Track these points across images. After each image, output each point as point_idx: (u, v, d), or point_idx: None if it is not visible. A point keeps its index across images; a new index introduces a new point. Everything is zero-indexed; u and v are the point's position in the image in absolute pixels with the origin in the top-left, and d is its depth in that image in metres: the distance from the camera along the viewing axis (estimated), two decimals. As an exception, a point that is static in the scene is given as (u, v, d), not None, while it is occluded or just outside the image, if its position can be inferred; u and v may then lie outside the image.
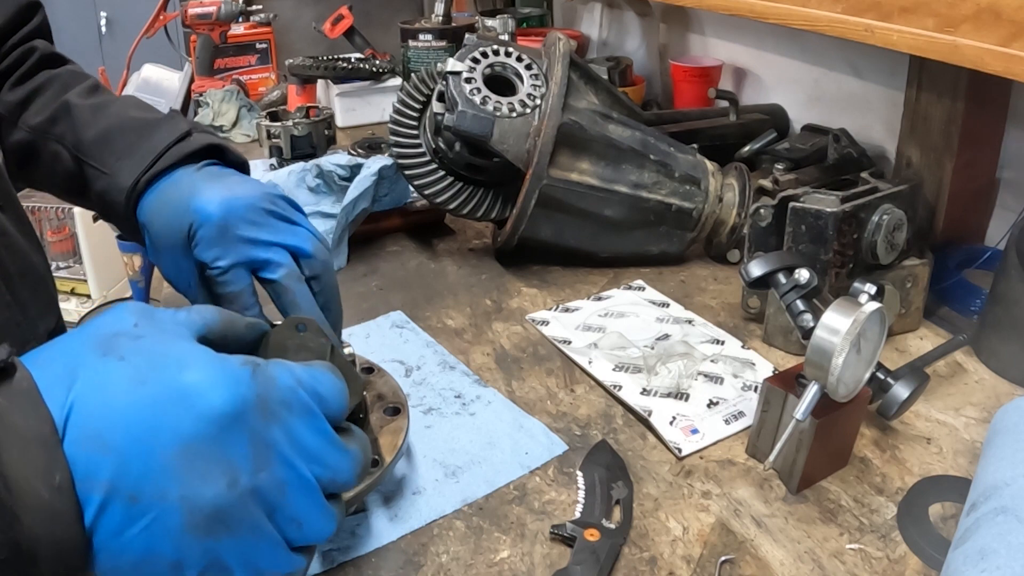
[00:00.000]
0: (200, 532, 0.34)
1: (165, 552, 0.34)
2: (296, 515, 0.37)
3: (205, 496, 0.34)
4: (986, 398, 0.75)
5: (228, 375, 0.35)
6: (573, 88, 0.95)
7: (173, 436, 0.33)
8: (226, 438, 0.35)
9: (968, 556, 0.48)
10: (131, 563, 0.34)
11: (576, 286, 0.98)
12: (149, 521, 0.33)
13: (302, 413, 0.38)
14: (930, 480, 0.65)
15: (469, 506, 0.63)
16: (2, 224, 0.54)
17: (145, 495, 0.33)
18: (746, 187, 0.99)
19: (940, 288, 0.90)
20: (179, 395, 0.34)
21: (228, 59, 1.84)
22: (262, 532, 0.36)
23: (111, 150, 0.63)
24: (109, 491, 0.32)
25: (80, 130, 0.66)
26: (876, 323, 0.62)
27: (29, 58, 0.71)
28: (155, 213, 0.59)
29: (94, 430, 0.33)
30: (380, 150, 1.38)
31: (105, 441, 0.33)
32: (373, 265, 1.05)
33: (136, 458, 0.33)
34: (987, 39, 0.65)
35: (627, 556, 0.58)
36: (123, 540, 0.33)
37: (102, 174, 0.63)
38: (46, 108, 0.68)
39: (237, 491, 0.35)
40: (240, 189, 0.58)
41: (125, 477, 0.33)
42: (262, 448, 0.36)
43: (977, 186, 0.96)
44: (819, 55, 1.22)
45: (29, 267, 0.56)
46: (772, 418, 0.66)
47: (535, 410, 0.75)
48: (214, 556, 0.35)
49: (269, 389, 0.37)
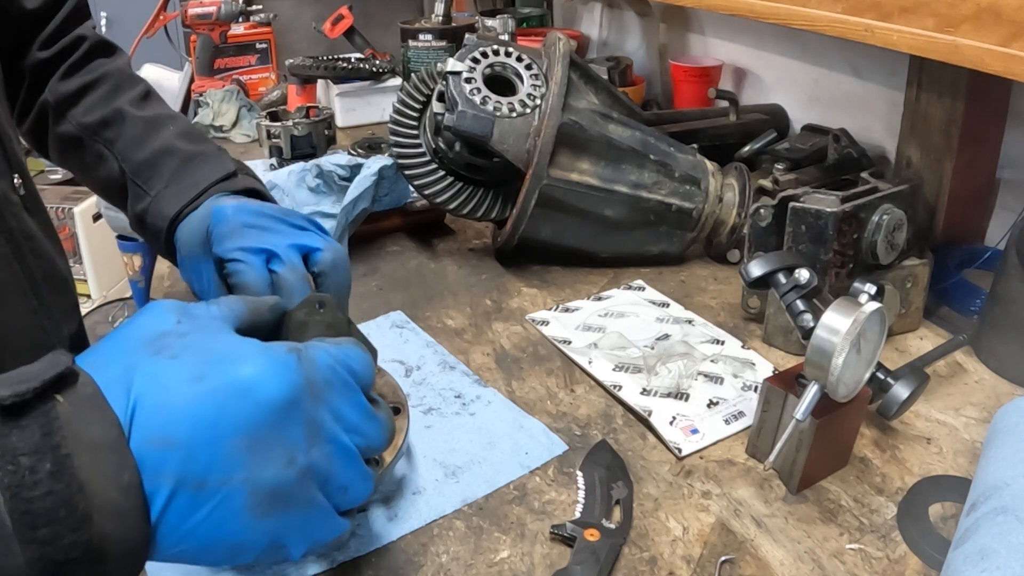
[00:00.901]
0: (261, 511, 0.37)
1: (228, 535, 0.36)
2: (343, 483, 0.40)
3: (266, 477, 0.36)
4: (986, 398, 0.75)
5: (279, 364, 0.38)
6: (573, 88, 0.95)
7: (235, 426, 0.36)
8: (284, 423, 0.37)
9: (968, 556, 0.48)
10: (194, 550, 0.36)
11: (576, 286, 0.98)
12: (214, 505, 0.35)
13: (342, 389, 0.41)
14: (930, 480, 0.65)
15: (469, 506, 0.63)
16: (29, 228, 0.54)
17: (211, 482, 0.35)
18: (746, 187, 0.99)
19: (940, 288, 0.90)
20: (237, 388, 0.36)
21: (228, 59, 1.84)
22: (316, 504, 0.39)
23: (159, 175, 0.66)
24: (177, 483, 0.34)
25: (130, 145, 0.69)
26: (876, 323, 0.62)
27: (80, 46, 0.73)
28: (183, 230, 0.63)
29: (158, 428, 0.35)
30: (380, 150, 1.38)
31: (170, 438, 0.34)
32: (373, 265, 1.05)
33: (201, 450, 0.35)
34: (987, 39, 0.65)
35: (627, 556, 0.58)
36: (189, 526, 0.35)
37: (145, 194, 0.66)
38: (97, 108, 0.71)
39: (295, 469, 0.37)
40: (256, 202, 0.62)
41: (192, 468, 0.35)
42: (313, 427, 0.38)
43: (977, 186, 0.96)
44: (819, 55, 1.22)
45: (54, 271, 0.56)
46: (772, 418, 0.66)
47: (535, 410, 0.75)
48: (273, 535, 0.38)
49: (313, 372, 0.39)
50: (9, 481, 0.31)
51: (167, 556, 0.36)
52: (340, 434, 0.40)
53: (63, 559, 0.32)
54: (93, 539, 0.32)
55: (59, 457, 0.32)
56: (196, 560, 0.38)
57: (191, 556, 0.37)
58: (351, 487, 0.41)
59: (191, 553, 0.37)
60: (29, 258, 0.53)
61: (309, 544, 0.40)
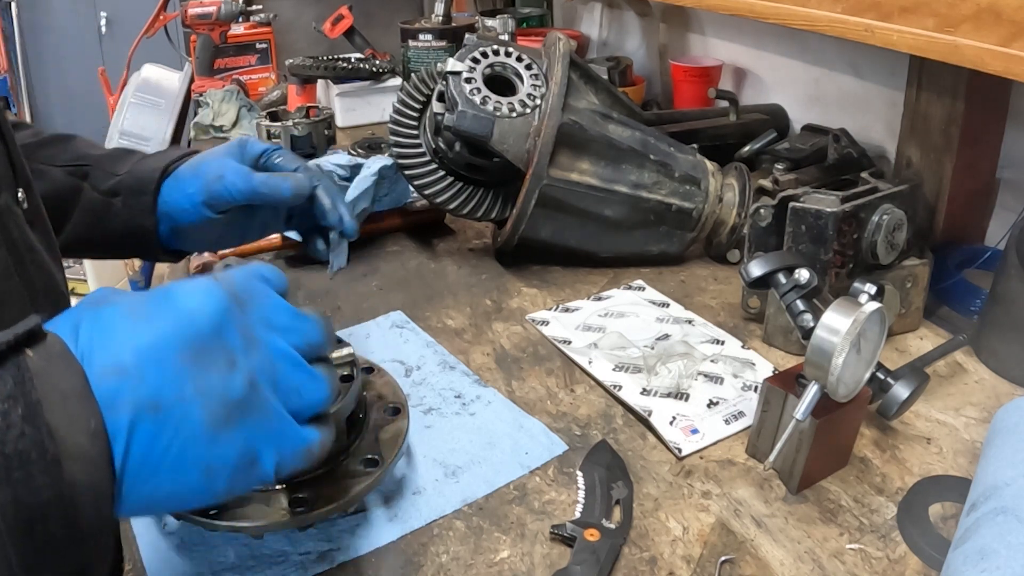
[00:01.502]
0: (219, 421, 0.38)
1: (195, 455, 0.38)
2: (292, 384, 0.43)
3: (214, 383, 0.38)
4: (986, 398, 0.75)
5: (203, 287, 0.41)
6: (573, 88, 0.95)
7: (176, 344, 0.38)
8: (219, 333, 0.40)
9: (968, 556, 0.48)
10: (168, 486, 0.37)
11: (576, 286, 0.98)
12: (176, 424, 0.37)
13: (263, 295, 0.44)
14: (930, 480, 0.65)
15: (469, 506, 0.63)
16: (31, 241, 0.54)
17: (165, 400, 0.37)
18: (746, 187, 0.99)
19: (940, 288, 0.90)
20: (172, 312, 0.39)
21: (228, 59, 1.84)
22: (271, 408, 0.41)
23: (123, 161, 0.74)
24: (133, 408, 0.36)
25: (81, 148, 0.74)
26: (876, 323, 0.62)
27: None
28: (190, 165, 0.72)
29: (108, 363, 0.36)
30: (380, 150, 1.38)
31: (118, 366, 0.36)
32: (373, 265, 1.05)
33: (149, 371, 0.37)
34: (987, 39, 0.65)
35: (627, 556, 0.58)
36: (157, 454, 0.37)
37: (112, 175, 0.72)
38: (30, 139, 0.73)
39: (240, 372, 0.39)
40: None
41: (144, 391, 0.36)
42: (246, 333, 0.41)
43: (977, 186, 0.96)
44: (819, 55, 1.22)
45: (52, 284, 0.57)
46: (772, 418, 0.66)
47: (535, 410, 0.75)
48: (238, 447, 0.39)
49: (232, 286, 0.42)
50: None
51: (142, 502, 0.37)
52: (274, 336, 0.43)
53: (35, 503, 0.33)
54: (64, 484, 0.34)
55: (30, 403, 0.33)
56: (172, 501, 0.39)
57: (165, 495, 0.38)
58: (302, 388, 0.43)
59: (165, 492, 0.38)
60: (30, 269, 0.53)
61: (279, 455, 0.41)
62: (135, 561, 0.59)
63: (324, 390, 0.45)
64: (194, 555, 0.58)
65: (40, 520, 0.34)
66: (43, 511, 0.34)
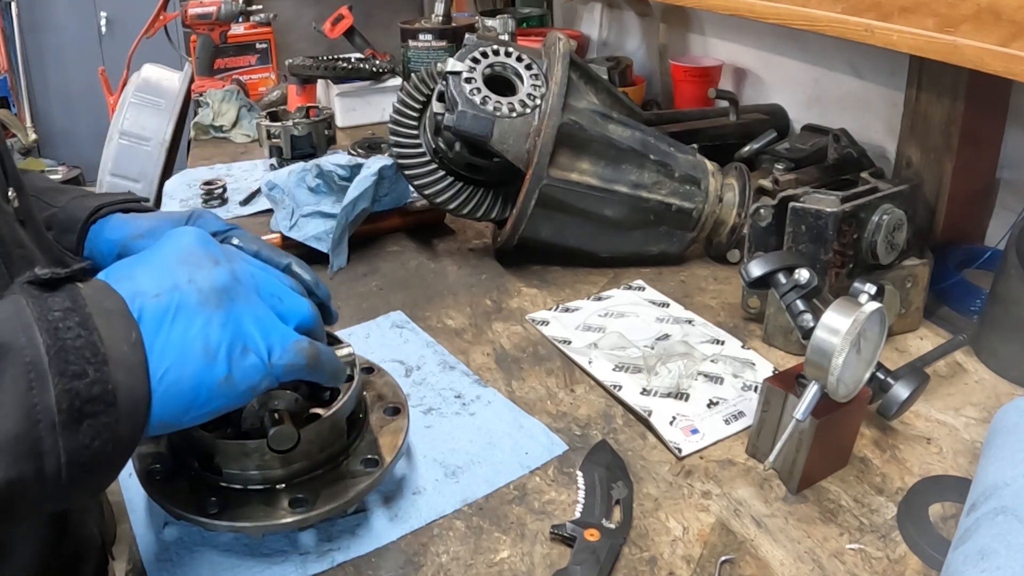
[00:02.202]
0: (212, 305, 0.46)
1: (194, 333, 0.45)
2: (273, 290, 0.51)
3: (202, 274, 0.47)
4: (986, 398, 0.75)
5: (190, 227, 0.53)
6: (573, 88, 0.95)
7: (169, 254, 0.48)
8: (202, 244, 0.49)
9: (968, 556, 0.48)
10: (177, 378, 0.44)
11: (576, 286, 0.98)
12: (175, 305, 0.45)
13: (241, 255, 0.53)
14: (930, 480, 0.65)
15: (469, 506, 0.63)
16: (21, 238, 0.56)
17: (164, 289, 0.45)
18: (746, 187, 0.99)
19: (940, 288, 0.90)
20: (164, 239, 0.50)
21: (228, 59, 1.84)
22: (255, 301, 0.48)
23: (64, 193, 0.72)
24: (140, 296, 0.44)
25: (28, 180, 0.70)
26: (876, 323, 0.62)
27: None
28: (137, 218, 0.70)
29: (124, 275, 0.46)
30: (380, 150, 1.38)
31: (130, 275, 0.46)
32: (373, 265, 1.05)
33: (150, 272, 0.46)
34: (987, 39, 0.65)
35: (627, 556, 0.58)
36: (163, 335, 0.44)
37: (50, 206, 0.70)
38: None
39: (223, 267, 0.48)
40: None
41: (147, 283, 0.45)
42: (226, 250, 0.51)
43: (977, 186, 0.96)
44: (819, 55, 1.22)
45: None
46: (772, 418, 0.66)
47: (535, 410, 0.75)
48: (231, 329, 0.46)
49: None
50: (48, 326, 0.40)
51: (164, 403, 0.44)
52: (248, 258, 0.52)
53: (86, 396, 0.40)
54: (109, 382, 0.40)
55: (84, 315, 0.41)
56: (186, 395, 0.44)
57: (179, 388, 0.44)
58: (283, 297, 0.51)
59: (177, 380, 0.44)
60: (20, 265, 0.54)
61: (267, 342, 0.47)
62: (135, 561, 0.59)
63: (304, 301, 0.52)
64: (194, 555, 0.58)
65: (89, 415, 0.40)
66: (92, 406, 0.40)
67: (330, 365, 0.52)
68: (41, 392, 0.38)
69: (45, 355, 0.39)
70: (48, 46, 3.76)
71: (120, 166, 2.04)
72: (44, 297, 0.41)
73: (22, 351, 0.39)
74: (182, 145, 2.13)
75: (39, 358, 0.39)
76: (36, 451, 0.38)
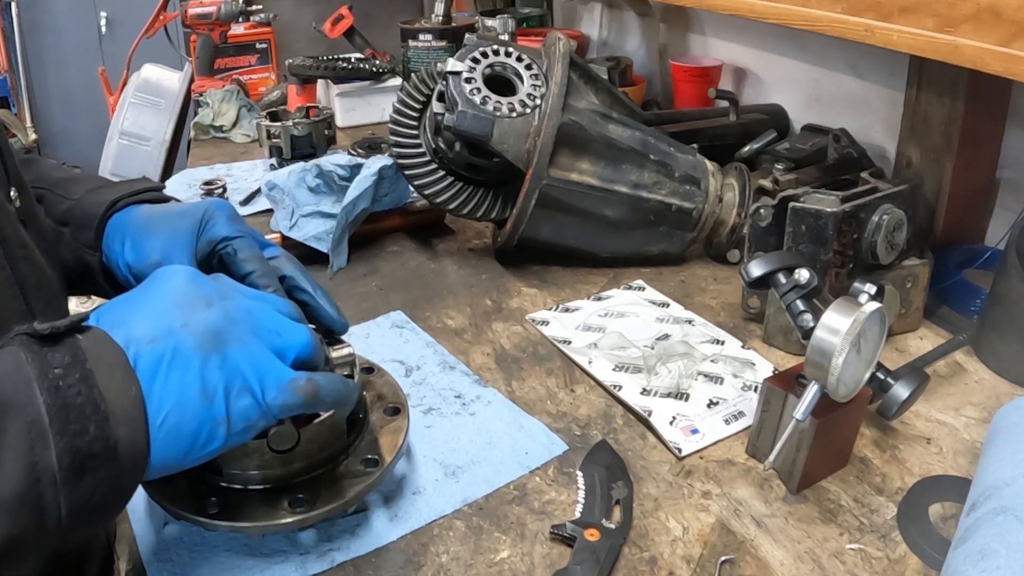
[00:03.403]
0: (207, 348, 0.46)
1: (191, 379, 0.44)
2: (271, 327, 0.50)
3: (196, 318, 0.46)
4: (986, 398, 0.75)
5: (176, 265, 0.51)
6: (573, 88, 0.95)
7: (161, 298, 0.47)
8: (193, 284, 0.49)
9: (968, 556, 0.48)
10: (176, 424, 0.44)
11: (576, 286, 0.98)
12: (171, 352, 0.44)
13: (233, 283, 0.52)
14: (930, 480, 0.65)
15: (469, 506, 0.63)
16: (24, 238, 0.56)
17: (159, 335, 0.45)
18: (746, 187, 0.99)
19: (940, 288, 0.90)
20: (155, 281, 0.49)
21: (228, 59, 1.84)
22: (251, 341, 0.48)
23: (80, 184, 0.68)
24: (135, 343, 0.44)
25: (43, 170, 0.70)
26: (876, 323, 0.62)
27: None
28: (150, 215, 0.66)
29: (117, 320, 0.45)
30: (380, 150, 1.38)
31: (124, 320, 0.45)
32: (373, 265, 1.05)
33: (144, 317, 0.46)
34: (987, 39, 0.65)
35: (627, 556, 0.58)
36: (160, 382, 0.44)
37: (64, 199, 0.67)
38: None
39: (215, 309, 0.47)
40: None
41: (141, 330, 0.45)
42: (220, 286, 0.50)
43: (977, 186, 0.96)
44: (819, 55, 1.22)
45: (45, 281, 0.57)
46: (772, 418, 0.66)
47: (535, 410, 0.75)
48: (227, 372, 0.46)
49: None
50: (49, 384, 0.40)
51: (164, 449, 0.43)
52: (243, 290, 0.52)
53: (87, 452, 0.39)
54: (110, 437, 0.40)
55: (85, 370, 0.41)
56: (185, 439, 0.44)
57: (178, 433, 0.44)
58: (282, 331, 0.50)
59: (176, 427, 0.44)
60: (22, 265, 0.54)
61: (262, 383, 0.47)
62: (135, 561, 0.59)
63: (303, 332, 0.51)
64: (194, 555, 0.58)
65: (90, 470, 0.40)
66: (93, 462, 0.40)
67: (332, 396, 0.52)
68: (42, 450, 0.38)
69: (45, 414, 0.39)
70: (48, 46, 3.75)
71: (120, 166, 2.04)
72: (44, 352, 0.41)
73: (23, 409, 0.39)
74: (182, 145, 2.13)
75: (39, 417, 0.39)
76: (38, 507, 0.38)
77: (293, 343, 0.50)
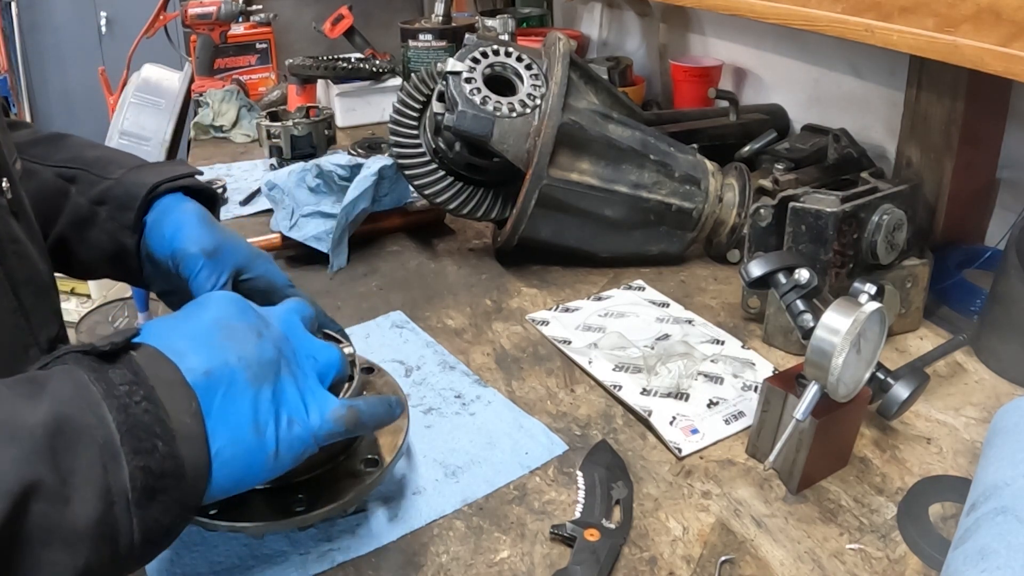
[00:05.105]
0: (258, 380, 0.46)
1: (244, 410, 0.45)
2: (308, 351, 0.51)
3: (249, 350, 0.46)
4: (986, 398, 0.75)
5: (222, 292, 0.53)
6: (573, 88, 0.95)
7: (214, 326, 0.47)
8: (241, 313, 0.49)
9: (968, 556, 0.48)
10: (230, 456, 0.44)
11: (576, 286, 0.98)
12: (226, 385, 0.44)
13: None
14: (930, 480, 0.65)
15: (469, 506, 0.63)
16: (14, 231, 0.55)
17: (214, 366, 0.44)
18: (746, 187, 0.99)
19: (940, 288, 0.90)
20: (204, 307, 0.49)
21: (228, 59, 1.84)
22: (297, 371, 0.49)
23: (118, 164, 0.68)
24: (191, 372, 0.43)
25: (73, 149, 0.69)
26: (876, 323, 0.62)
27: None
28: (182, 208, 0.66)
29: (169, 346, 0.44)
30: (380, 150, 1.38)
31: (176, 347, 0.44)
32: (373, 265, 1.05)
33: (197, 346, 0.45)
34: (987, 39, 0.65)
35: (627, 556, 0.58)
36: (216, 412, 0.43)
37: (102, 179, 0.66)
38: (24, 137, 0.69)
39: (266, 340, 0.48)
40: None
41: (196, 360, 0.44)
42: (261, 317, 0.50)
43: (977, 186, 0.96)
44: (819, 55, 1.22)
45: (36, 275, 0.56)
46: (772, 418, 0.66)
47: (535, 410, 0.75)
48: (275, 403, 0.46)
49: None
50: (117, 404, 0.39)
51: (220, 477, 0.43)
52: (281, 316, 0.52)
53: (158, 472, 0.39)
54: (178, 456, 0.40)
55: (147, 388, 0.40)
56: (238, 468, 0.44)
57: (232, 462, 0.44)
58: (317, 353, 0.52)
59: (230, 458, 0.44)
60: (11, 260, 0.53)
61: (311, 413, 0.48)
62: (135, 561, 0.59)
63: (334, 352, 0.52)
64: (194, 555, 0.58)
65: (161, 490, 0.39)
66: (163, 481, 0.39)
67: (374, 421, 0.53)
68: (116, 472, 0.38)
69: (117, 432, 0.38)
70: (48, 46, 3.75)
71: (120, 166, 2.04)
72: (105, 370, 0.41)
73: (93, 431, 0.38)
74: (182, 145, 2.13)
75: (111, 437, 0.38)
76: (112, 533, 0.38)
77: (329, 363, 0.52)
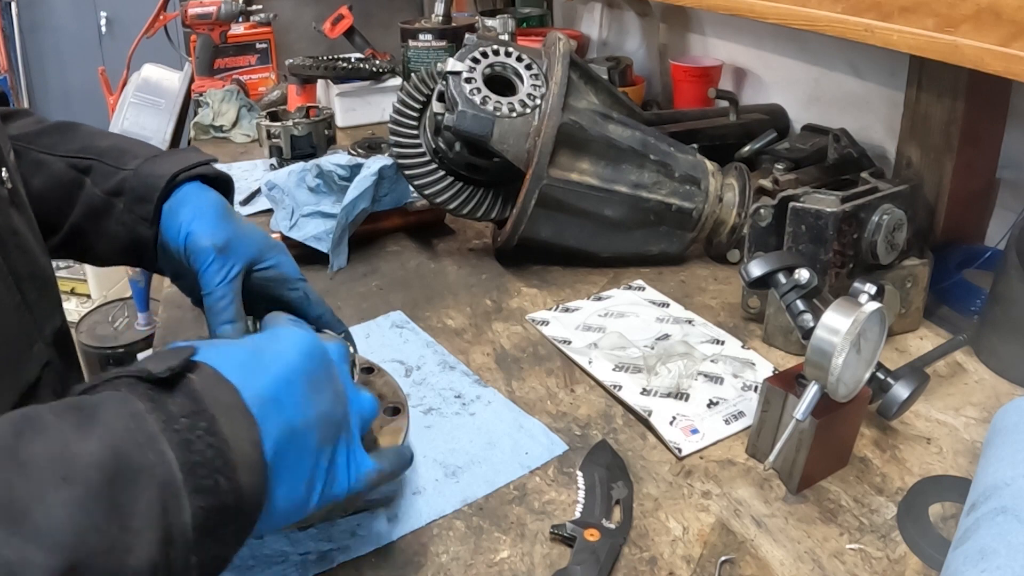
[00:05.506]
0: (326, 442, 0.45)
1: (305, 468, 0.44)
2: (357, 408, 0.50)
3: (328, 410, 0.46)
4: (986, 398, 0.75)
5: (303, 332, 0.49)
6: (573, 88, 0.95)
7: (302, 376, 0.45)
8: (323, 364, 0.47)
9: (968, 556, 0.48)
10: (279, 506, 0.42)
11: (576, 286, 0.98)
12: (299, 445, 0.43)
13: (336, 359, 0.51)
14: (930, 480, 0.65)
15: (469, 506, 0.63)
16: (15, 224, 0.54)
17: (298, 425, 0.43)
18: (746, 187, 0.99)
19: (940, 288, 0.89)
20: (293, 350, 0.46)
21: (228, 59, 1.84)
22: (351, 433, 0.48)
23: (133, 155, 0.66)
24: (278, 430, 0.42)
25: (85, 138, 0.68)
26: (876, 323, 0.62)
27: None
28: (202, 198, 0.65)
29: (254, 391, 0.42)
30: (380, 150, 1.38)
31: (263, 396, 0.42)
32: (373, 265, 1.05)
33: (287, 399, 0.43)
34: (987, 39, 0.65)
35: (627, 556, 0.58)
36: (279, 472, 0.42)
37: (118, 169, 0.65)
38: (33, 126, 0.69)
39: (330, 394, 0.47)
40: None
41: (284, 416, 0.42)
42: (331, 371, 0.49)
43: (977, 186, 0.96)
44: (819, 55, 1.22)
45: (37, 268, 0.56)
46: (772, 418, 0.66)
47: (535, 410, 0.75)
48: (332, 465, 0.46)
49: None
50: (179, 439, 0.37)
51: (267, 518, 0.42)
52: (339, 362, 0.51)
53: (219, 507, 0.37)
54: (237, 489, 0.38)
55: (208, 418, 0.38)
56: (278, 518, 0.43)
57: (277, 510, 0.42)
58: (363, 410, 0.51)
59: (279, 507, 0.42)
60: (13, 253, 0.53)
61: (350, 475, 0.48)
62: (135, 561, 0.58)
63: (371, 400, 0.52)
64: (194, 555, 0.58)
65: (222, 525, 0.38)
66: (223, 515, 0.38)
67: (392, 477, 0.53)
68: (177, 513, 0.36)
69: (179, 472, 0.36)
70: (48, 46, 3.76)
71: (120, 166, 2.04)
72: (163, 400, 0.38)
73: (152, 470, 0.35)
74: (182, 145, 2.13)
75: (172, 477, 0.36)
76: (169, 574, 0.36)
77: (367, 420, 0.52)
